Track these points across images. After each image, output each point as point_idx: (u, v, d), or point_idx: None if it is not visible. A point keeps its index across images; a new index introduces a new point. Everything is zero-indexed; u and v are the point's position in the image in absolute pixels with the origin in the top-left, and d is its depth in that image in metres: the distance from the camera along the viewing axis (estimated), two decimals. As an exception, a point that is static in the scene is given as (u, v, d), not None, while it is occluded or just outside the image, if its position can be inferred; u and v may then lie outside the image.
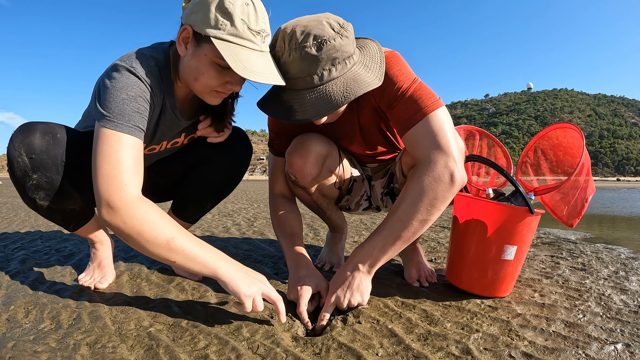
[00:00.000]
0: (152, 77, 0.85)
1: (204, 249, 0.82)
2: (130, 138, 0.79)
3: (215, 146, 1.16)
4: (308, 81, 0.81)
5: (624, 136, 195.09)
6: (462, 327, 0.88)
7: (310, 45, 0.78)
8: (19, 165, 0.85)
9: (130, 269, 1.30)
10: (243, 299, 0.81)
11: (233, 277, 0.82)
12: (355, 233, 2.20)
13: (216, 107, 1.06)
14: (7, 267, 1.34)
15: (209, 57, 0.81)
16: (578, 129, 1.15)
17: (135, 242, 0.78)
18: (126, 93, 0.80)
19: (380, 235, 0.90)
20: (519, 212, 0.99)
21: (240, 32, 0.77)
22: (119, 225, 0.76)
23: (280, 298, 0.85)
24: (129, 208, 0.76)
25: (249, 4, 0.78)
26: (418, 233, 0.89)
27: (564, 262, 1.53)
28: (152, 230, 0.77)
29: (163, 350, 0.74)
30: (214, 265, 0.82)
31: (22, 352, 0.73)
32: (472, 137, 1.40)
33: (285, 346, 0.76)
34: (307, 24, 0.80)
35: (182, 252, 0.79)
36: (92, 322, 0.87)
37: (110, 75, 0.81)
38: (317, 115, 0.81)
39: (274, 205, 1.18)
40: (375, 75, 0.86)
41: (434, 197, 0.85)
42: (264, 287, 0.85)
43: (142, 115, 0.83)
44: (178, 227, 0.81)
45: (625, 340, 0.82)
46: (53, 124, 0.91)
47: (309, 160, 1.09)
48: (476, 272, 1.06)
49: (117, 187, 0.76)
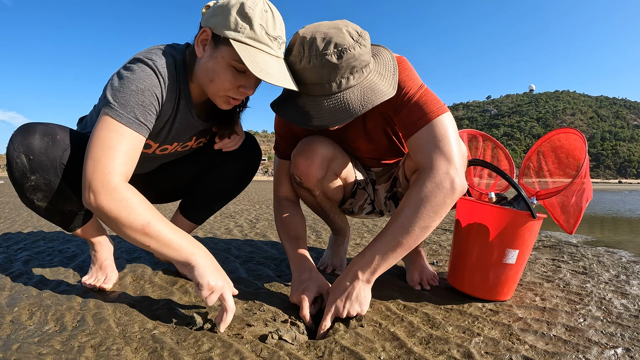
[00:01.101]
0: (169, 74, 0.87)
1: (179, 236, 0.84)
2: (127, 130, 0.80)
3: (229, 151, 1.18)
4: (326, 88, 0.82)
5: (626, 138, 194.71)
6: (464, 330, 0.88)
7: (331, 54, 0.78)
8: (17, 165, 0.86)
9: (134, 271, 1.31)
10: (204, 287, 0.81)
11: (204, 265, 0.83)
12: (358, 236, 2.20)
13: (226, 113, 1.08)
14: (11, 268, 1.34)
15: (226, 59, 0.82)
16: (580, 134, 1.15)
17: (114, 226, 0.79)
18: (136, 85, 0.81)
19: (381, 243, 0.89)
20: (521, 216, 0.99)
21: (258, 36, 0.79)
22: (98, 208, 0.78)
23: (233, 309, 0.84)
24: (109, 192, 0.77)
25: (267, 11, 0.81)
26: (419, 240, 0.88)
27: (565, 266, 1.53)
28: (128, 214, 0.78)
29: (167, 353, 0.74)
30: (187, 251, 0.83)
31: (26, 354, 0.73)
32: (475, 140, 1.41)
33: (289, 349, 0.77)
34: (327, 31, 0.80)
35: (156, 237, 0.80)
36: (96, 324, 0.87)
37: (128, 66, 0.83)
38: (334, 122, 0.82)
39: (278, 208, 1.19)
40: (390, 84, 0.87)
41: (435, 204, 0.86)
42: (227, 291, 0.85)
43: (145, 109, 0.83)
44: (155, 213, 0.82)
45: (626, 345, 0.83)
46: (53, 125, 0.92)
47: (314, 162, 1.10)
48: (478, 275, 1.07)
49: (102, 172, 0.77)
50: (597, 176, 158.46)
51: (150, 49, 0.88)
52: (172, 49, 0.91)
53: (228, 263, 1.47)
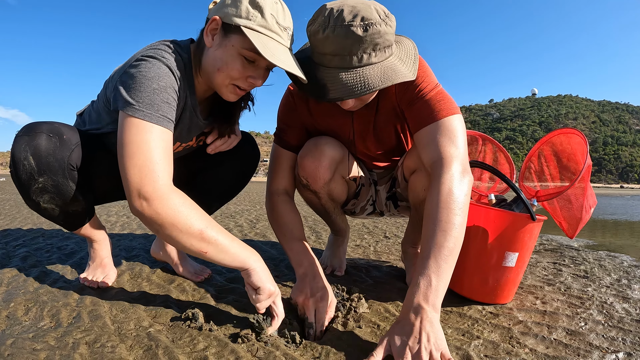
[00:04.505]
0: (180, 73, 0.86)
1: (235, 242, 0.83)
2: (159, 128, 0.79)
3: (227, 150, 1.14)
4: (347, 60, 0.80)
5: (628, 143, 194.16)
6: (463, 333, 0.87)
7: (357, 25, 0.77)
8: (24, 168, 0.84)
9: (132, 269, 1.30)
10: (264, 292, 0.83)
11: (261, 270, 0.85)
12: (358, 237, 2.19)
13: (225, 111, 1.05)
14: (9, 264, 1.34)
15: (236, 48, 0.81)
16: (582, 135, 1.14)
17: (168, 233, 0.76)
18: (157, 83, 0.80)
19: (428, 260, 0.76)
20: (520, 218, 0.98)
21: (269, 25, 0.79)
22: (152, 215, 0.75)
23: (282, 316, 0.87)
24: (162, 199, 0.75)
25: (277, 3, 0.82)
26: (462, 238, 0.79)
27: (566, 270, 1.52)
28: (186, 220, 0.76)
29: (162, 351, 0.74)
30: (244, 257, 0.83)
31: (20, 349, 0.73)
32: (475, 142, 1.39)
33: (285, 350, 0.76)
34: (355, 4, 0.79)
35: (214, 243, 0.79)
36: (92, 321, 0.87)
37: (139, 64, 0.80)
38: (349, 95, 0.80)
39: (274, 204, 1.10)
40: (410, 70, 0.86)
41: (461, 193, 0.82)
42: (279, 297, 0.87)
43: (171, 106, 0.82)
44: (209, 219, 0.81)
45: (627, 349, 0.81)
46: (58, 124, 0.91)
47: (322, 164, 1.08)
48: (477, 278, 1.06)
49: (151, 178, 0.75)
50: (599, 181, 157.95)
51: (156, 45, 0.85)
52: (178, 47, 0.89)
53: (226, 262, 1.47)
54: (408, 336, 0.68)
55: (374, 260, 1.61)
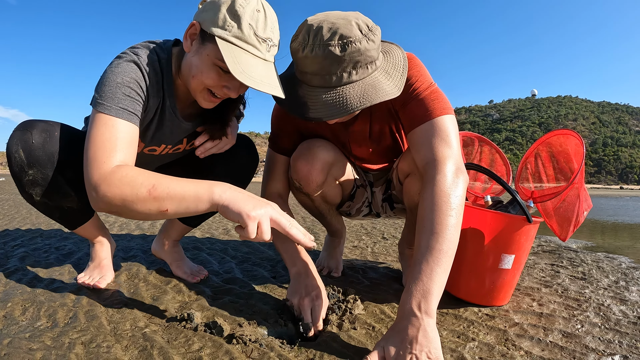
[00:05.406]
0: (152, 70, 0.86)
1: (190, 183, 0.73)
2: (119, 121, 0.79)
3: (221, 154, 1.12)
4: (326, 80, 0.79)
5: (628, 144, 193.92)
6: (458, 335, 0.87)
7: (335, 45, 0.76)
8: (15, 160, 0.87)
9: (129, 269, 1.30)
10: (246, 220, 0.69)
11: (234, 197, 0.72)
12: (356, 238, 2.19)
13: (215, 113, 1.03)
14: (6, 264, 1.34)
15: (211, 58, 0.80)
16: (578, 136, 1.14)
17: (125, 210, 0.72)
18: (121, 78, 0.81)
19: (420, 264, 0.74)
20: (516, 220, 0.99)
21: (245, 36, 0.76)
22: (103, 200, 0.72)
23: (292, 223, 0.74)
24: (106, 180, 0.72)
25: (260, 11, 0.78)
26: (456, 240, 0.77)
27: (564, 271, 1.52)
28: (131, 189, 0.71)
29: (157, 352, 0.74)
30: (207, 192, 0.72)
31: (17, 349, 0.73)
32: (471, 144, 1.39)
33: (279, 351, 0.76)
34: (335, 21, 0.77)
35: (168, 196, 0.71)
36: (88, 321, 0.87)
37: (112, 62, 0.83)
38: (329, 116, 0.79)
39: None
40: (395, 85, 0.84)
41: (455, 194, 0.80)
42: (273, 211, 0.73)
43: (133, 100, 0.82)
44: (157, 176, 0.73)
45: (624, 352, 0.81)
46: (52, 123, 0.92)
47: (315, 167, 1.07)
48: (474, 280, 1.06)
49: (96, 167, 0.73)
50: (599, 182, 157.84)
51: (135, 45, 0.88)
52: (159, 48, 0.90)
53: (224, 263, 1.47)
54: (401, 346, 0.67)
55: (371, 261, 1.61)
